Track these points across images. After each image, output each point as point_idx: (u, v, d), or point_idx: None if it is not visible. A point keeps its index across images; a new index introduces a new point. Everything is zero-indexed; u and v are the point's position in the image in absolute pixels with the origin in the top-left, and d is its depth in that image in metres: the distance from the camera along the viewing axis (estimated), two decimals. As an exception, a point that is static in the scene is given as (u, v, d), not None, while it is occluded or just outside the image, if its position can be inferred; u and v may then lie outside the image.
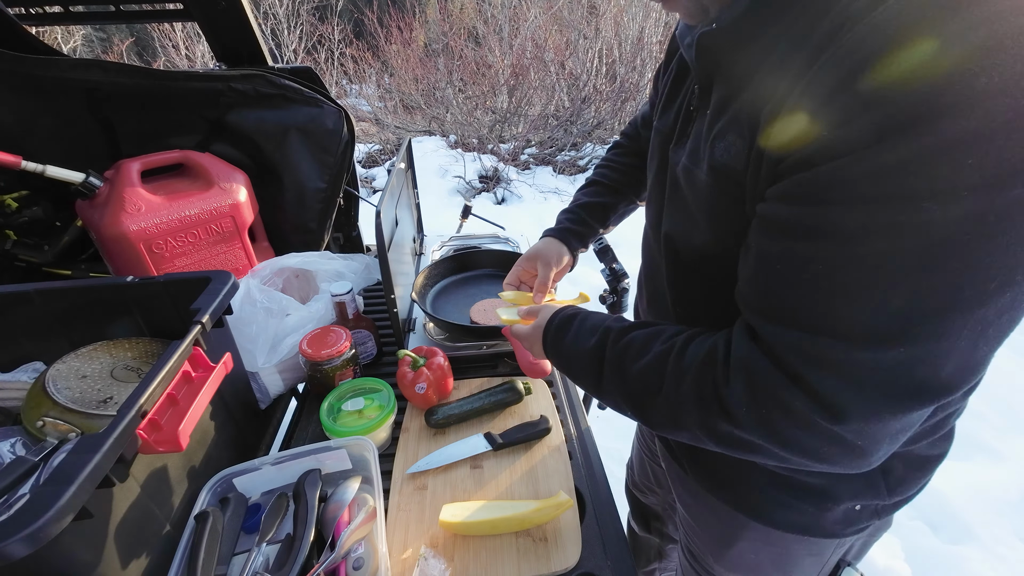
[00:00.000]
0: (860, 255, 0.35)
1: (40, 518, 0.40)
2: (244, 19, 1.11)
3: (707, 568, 0.80)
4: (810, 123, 0.36)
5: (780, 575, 0.73)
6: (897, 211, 0.33)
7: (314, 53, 6.86)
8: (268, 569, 0.60)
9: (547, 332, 0.65)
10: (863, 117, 0.33)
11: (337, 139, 1.19)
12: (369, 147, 5.59)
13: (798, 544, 0.67)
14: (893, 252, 0.34)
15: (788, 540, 0.67)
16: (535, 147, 5.42)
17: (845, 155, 0.34)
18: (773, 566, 0.72)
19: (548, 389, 0.96)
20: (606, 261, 1.39)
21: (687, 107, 0.58)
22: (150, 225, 0.96)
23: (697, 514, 0.79)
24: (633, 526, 1.21)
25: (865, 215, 0.34)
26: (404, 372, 0.88)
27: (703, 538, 0.79)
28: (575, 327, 0.62)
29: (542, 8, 6.17)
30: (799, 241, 0.38)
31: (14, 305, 0.73)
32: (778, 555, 0.71)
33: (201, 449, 0.71)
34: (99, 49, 8.27)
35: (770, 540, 0.69)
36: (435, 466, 0.79)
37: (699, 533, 0.79)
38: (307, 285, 1.15)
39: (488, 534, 0.69)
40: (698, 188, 0.53)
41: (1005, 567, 1.50)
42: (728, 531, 0.72)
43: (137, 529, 0.58)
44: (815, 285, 0.38)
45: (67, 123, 1.03)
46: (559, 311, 0.66)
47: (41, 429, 0.60)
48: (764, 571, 0.73)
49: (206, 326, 0.66)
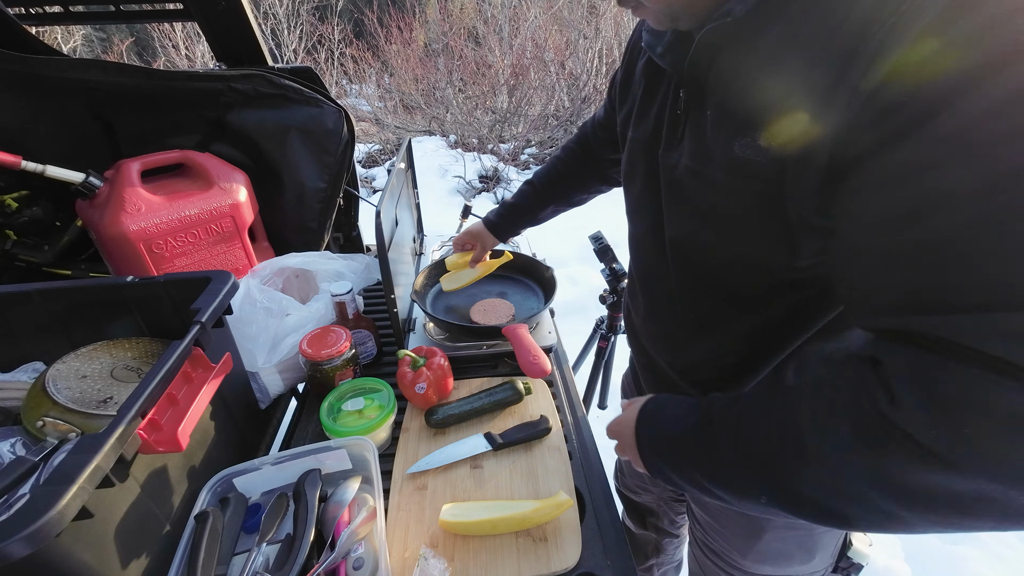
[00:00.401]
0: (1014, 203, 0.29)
1: (40, 518, 0.40)
2: (244, 19, 1.11)
3: (734, 563, 0.80)
4: None
5: (806, 555, 0.73)
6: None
7: (314, 53, 6.86)
8: (268, 569, 0.60)
9: (640, 420, 0.57)
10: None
11: (337, 139, 1.19)
12: (369, 147, 5.59)
13: None
14: None
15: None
16: (535, 147, 5.42)
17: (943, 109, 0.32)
18: (800, 548, 0.73)
19: (548, 389, 0.96)
20: (606, 261, 1.39)
21: (672, 112, 0.57)
22: (150, 225, 0.96)
23: (717, 513, 0.79)
24: (628, 524, 1.21)
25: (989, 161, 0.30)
26: (404, 372, 0.88)
27: (726, 535, 0.79)
28: (670, 406, 0.55)
29: (542, 8, 6.16)
30: (934, 216, 0.32)
31: (14, 305, 0.73)
32: (803, 538, 0.71)
33: (201, 449, 0.71)
34: (99, 49, 8.27)
35: (794, 524, 0.69)
36: (435, 466, 0.79)
37: (721, 531, 0.79)
38: (307, 285, 1.15)
39: (488, 534, 0.69)
40: (711, 188, 0.52)
41: (1005, 567, 1.49)
42: (753, 524, 0.73)
43: (137, 529, 0.58)
44: (976, 253, 0.31)
45: (67, 123, 1.03)
46: (646, 402, 0.59)
47: (41, 429, 0.59)
48: (791, 556, 0.74)
49: (206, 326, 0.66)
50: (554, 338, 1.05)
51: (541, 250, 1.45)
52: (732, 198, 0.51)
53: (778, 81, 0.43)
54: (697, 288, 0.62)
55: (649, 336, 0.75)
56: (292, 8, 6.77)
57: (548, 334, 1.05)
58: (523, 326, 0.95)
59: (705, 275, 0.60)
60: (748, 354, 0.63)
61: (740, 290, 0.57)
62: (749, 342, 0.62)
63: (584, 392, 1.76)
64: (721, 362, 0.66)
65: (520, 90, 5.79)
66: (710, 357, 0.66)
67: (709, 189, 0.53)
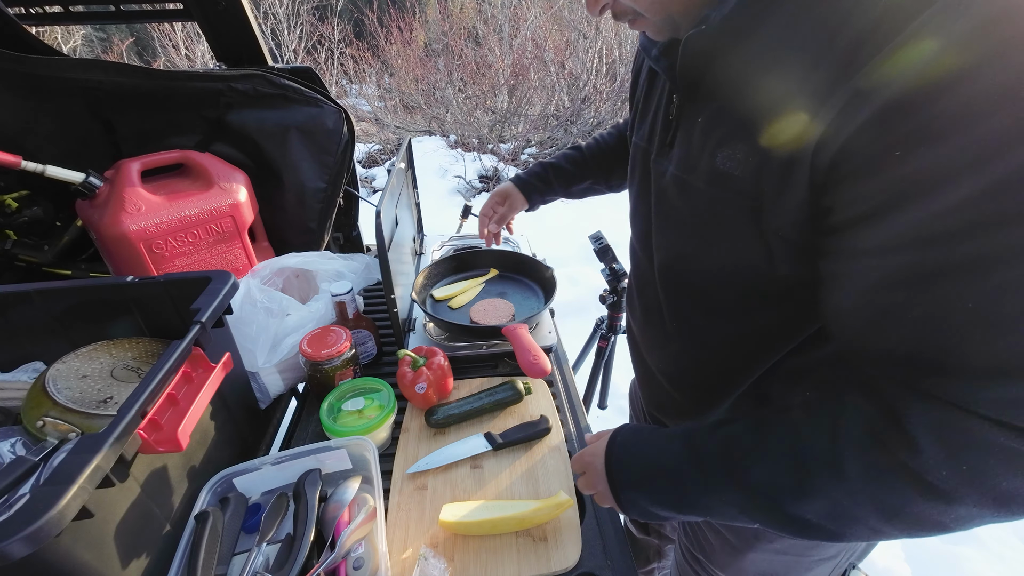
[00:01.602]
0: None
1: (40, 518, 0.40)
2: (244, 19, 1.11)
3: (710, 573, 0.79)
4: None
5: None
6: None
7: (314, 53, 6.86)
8: (268, 569, 0.60)
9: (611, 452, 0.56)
10: None
11: (337, 139, 1.19)
12: (369, 147, 5.59)
13: (812, 550, 0.67)
14: None
15: (801, 547, 0.66)
16: (535, 147, 5.42)
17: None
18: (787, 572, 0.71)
19: (548, 389, 0.96)
20: (606, 261, 1.39)
21: (665, 117, 0.57)
22: (150, 225, 0.96)
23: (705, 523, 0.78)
24: (631, 528, 1.21)
25: None
26: (404, 372, 0.88)
27: (711, 546, 0.78)
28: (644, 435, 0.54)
29: (542, 8, 6.16)
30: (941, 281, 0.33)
31: (14, 305, 0.73)
32: (791, 563, 0.69)
33: (201, 449, 0.71)
34: (99, 49, 8.26)
35: (784, 549, 0.68)
36: (435, 466, 0.79)
37: (707, 541, 0.78)
38: (307, 285, 1.15)
39: (488, 534, 0.69)
40: (694, 198, 0.52)
41: (1005, 567, 1.50)
42: (740, 540, 0.71)
43: (137, 529, 0.58)
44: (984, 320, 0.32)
45: (67, 123, 1.03)
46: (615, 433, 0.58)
47: (41, 429, 0.59)
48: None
49: (206, 326, 0.66)
50: (554, 338, 1.05)
51: (541, 250, 1.45)
52: (713, 209, 0.50)
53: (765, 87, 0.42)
54: (681, 296, 0.61)
55: (645, 343, 0.74)
56: (292, 8, 6.77)
57: (548, 334, 1.05)
58: (523, 326, 0.95)
59: (687, 284, 0.59)
60: (732, 364, 0.61)
61: (722, 300, 0.56)
62: (733, 352, 0.60)
63: (584, 392, 1.76)
64: (706, 370, 0.64)
65: (520, 90, 5.79)
66: (694, 366, 0.65)
67: (693, 199, 0.52)
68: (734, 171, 0.45)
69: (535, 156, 5.27)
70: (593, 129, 5.53)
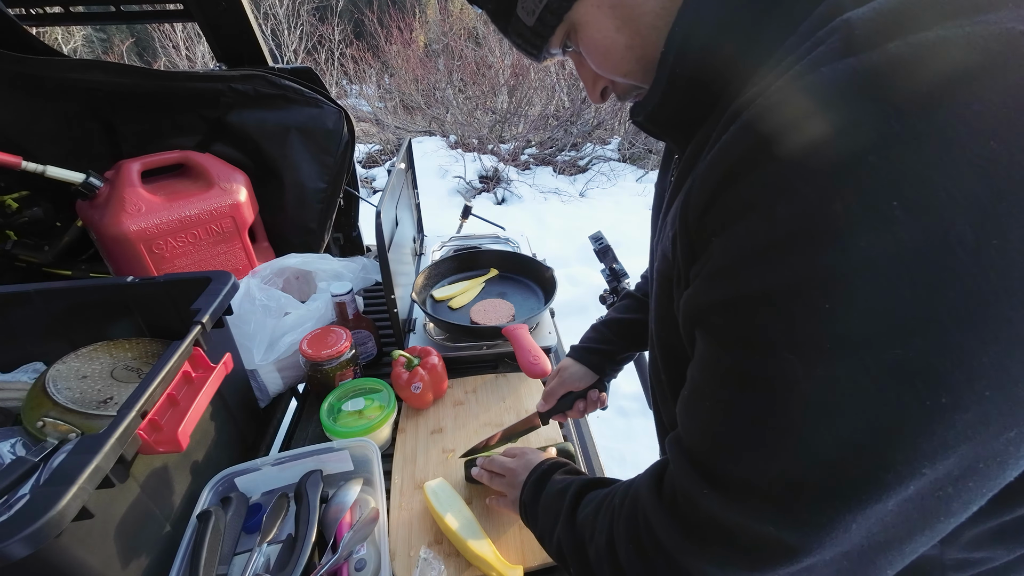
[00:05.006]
0: None
1: (40, 518, 0.40)
2: (244, 19, 1.11)
3: None
4: None
5: None
6: None
7: (314, 53, 6.86)
8: (269, 570, 0.60)
9: (529, 477, 0.62)
10: None
11: (337, 139, 1.19)
12: (369, 147, 5.59)
13: None
14: None
15: None
16: (535, 147, 5.42)
17: None
18: None
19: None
20: (606, 261, 1.39)
21: (669, 181, 0.54)
22: (150, 225, 0.96)
23: None
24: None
25: None
26: (399, 372, 0.88)
27: None
28: (554, 479, 0.59)
29: (542, 8, 6.15)
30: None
31: (14, 305, 0.73)
32: None
33: (201, 449, 0.71)
34: (99, 49, 8.27)
35: None
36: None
37: None
38: (307, 286, 1.15)
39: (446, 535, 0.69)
40: (655, 276, 0.49)
41: (1005, 567, 1.49)
42: None
43: (137, 529, 0.58)
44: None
45: (67, 123, 1.03)
46: (544, 464, 0.63)
47: (41, 429, 0.60)
48: None
49: (206, 326, 0.66)
50: (554, 338, 1.05)
51: (541, 250, 1.45)
52: (658, 289, 0.48)
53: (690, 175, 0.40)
54: (662, 369, 0.57)
55: None
56: (292, 8, 6.78)
57: (548, 334, 1.05)
58: (523, 326, 0.95)
59: (656, 354, 0.56)
60: None
61: (670, 376, 0.54)
62: None
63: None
64: None
65: (520, 90, 5.79)
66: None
67: (655, 276, 0.49)
68: (667, 253, 0.44)
69: (535, 156, 5.27)
70: (593, 129, 5.53)
